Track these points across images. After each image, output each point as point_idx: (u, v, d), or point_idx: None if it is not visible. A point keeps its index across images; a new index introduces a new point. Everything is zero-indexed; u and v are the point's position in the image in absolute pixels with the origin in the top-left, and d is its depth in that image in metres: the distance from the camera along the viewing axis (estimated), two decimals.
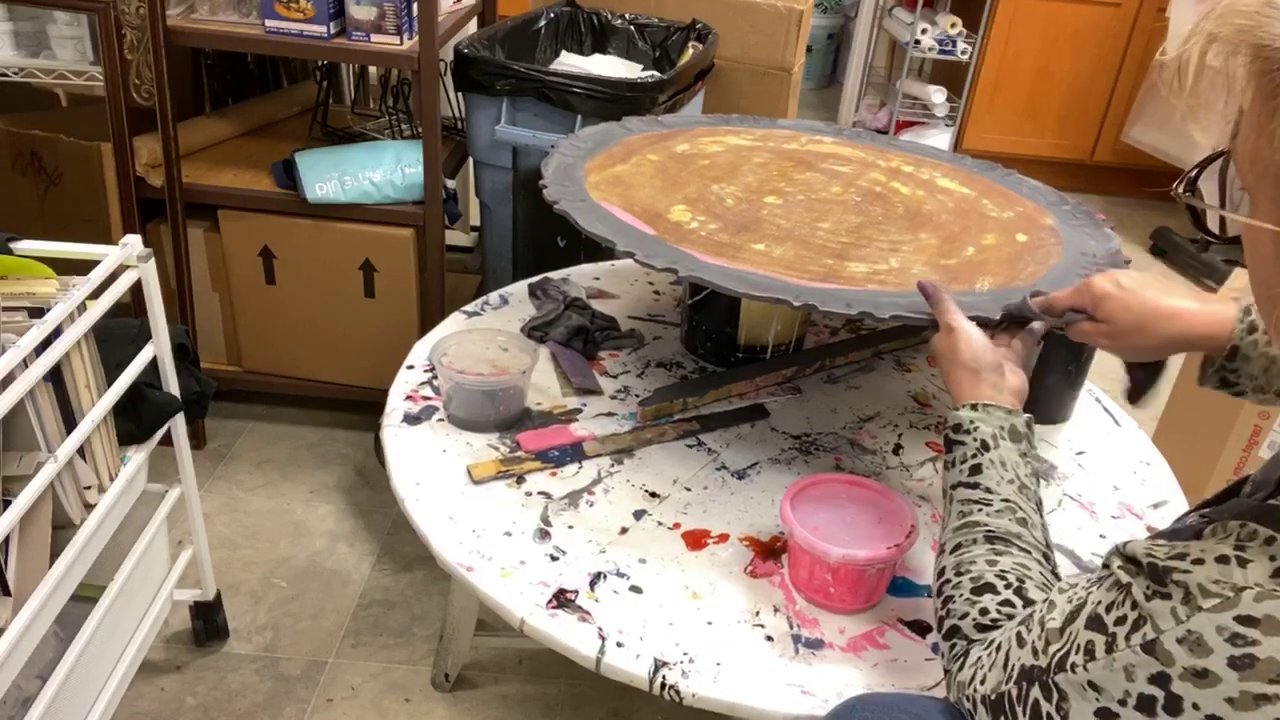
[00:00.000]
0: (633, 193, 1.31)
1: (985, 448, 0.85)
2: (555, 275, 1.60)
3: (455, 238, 2.50)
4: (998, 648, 0.70)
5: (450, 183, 1.84)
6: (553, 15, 2.11)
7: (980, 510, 0.81)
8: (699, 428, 1.25)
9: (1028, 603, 0.74)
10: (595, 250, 1.79)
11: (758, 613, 0.97)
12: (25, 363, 0.94)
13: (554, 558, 1.02)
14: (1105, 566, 0.63)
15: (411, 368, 1.32)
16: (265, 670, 1.48)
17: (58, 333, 1.00)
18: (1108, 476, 1.24)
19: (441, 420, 1.22)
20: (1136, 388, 1.00)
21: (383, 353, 1.82)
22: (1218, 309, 0.91)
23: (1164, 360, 0.99)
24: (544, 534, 1.05)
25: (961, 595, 0.77)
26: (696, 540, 1.06)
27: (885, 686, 0.90)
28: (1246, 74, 0.56)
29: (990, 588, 0.76)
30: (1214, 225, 0.65)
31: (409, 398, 1.26)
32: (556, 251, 1.84)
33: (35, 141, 1.79)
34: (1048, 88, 3.49)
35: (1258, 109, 0.56)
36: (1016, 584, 0.76)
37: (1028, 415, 0.89)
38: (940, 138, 3.58)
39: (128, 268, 1.14)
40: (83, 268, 1.07)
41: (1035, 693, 0.63)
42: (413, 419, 1.22)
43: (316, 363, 1.94)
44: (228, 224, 1.81)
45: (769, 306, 1.30)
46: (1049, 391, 1.30)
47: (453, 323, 1.44)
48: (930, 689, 0.90)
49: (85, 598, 1.14)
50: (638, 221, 1.22)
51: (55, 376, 1.03)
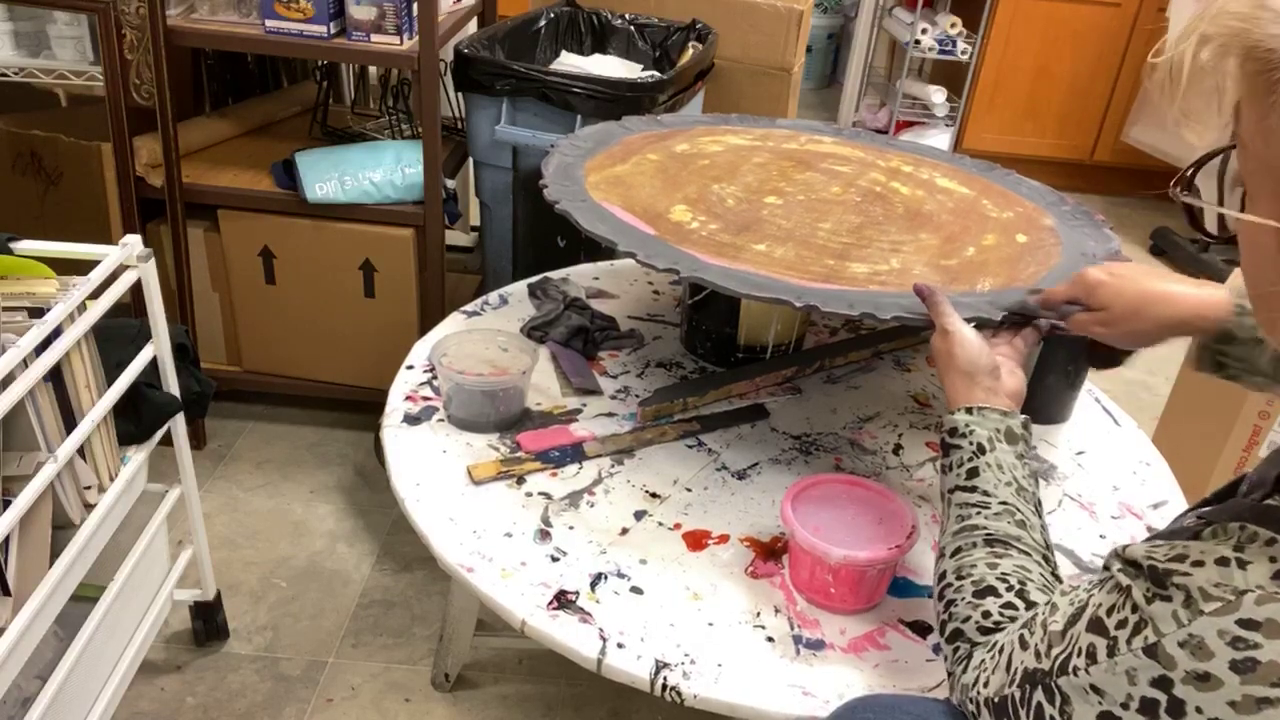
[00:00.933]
0: (633, 193, 1.31)
1: (981, 451, 0.85)
2: (555, 275, 1.60)
3: (455, 238, 2.50)
4: (1000, 650, 0.70)
5: (450, 183, 1.84)
6: (553, 15, 2.11)
7: (979, 514, 0.82)
8: (699, 428, 1.25)
9: (1030, 605, 0.74)
10: (595, 250, 1.79)
11: (758, 613, 0.97)
12: (25, 363, 0.94)
13: (555, 558, 1.02)
14: (1105, 569, 0.63)
15: (411, 368, 1.32)
16: (265, 670, 1.48)
17: (58, 333, 1.00)
18: (1108, 476, 1.24)
19: (441, 421, 1.22)
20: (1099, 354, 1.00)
21: (383, 353, 1.82)
22: (1211, 291, 0.92)
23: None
24: (544, 535, 1.05)
25: (963, 599, 0.77)
26: (697, 541, 1.06)
27: (886, 687, 0.90)
28: (1240, 74, 0.56)
29: (992, 591, 0.76)
30: (1211, 224, 0.65)
31: (409, 398, 1.26)
32: (556, 251, 1.84)
33: (35, 141, 1.79)
34: (1048, 88, 3.49)
35: (1252, 108, 0.56)
36: (1018, 586, 0.76)
37: (1024, 416, 0.89)
38: (940, 138, 3.58)
39: (128, 268, 1.14)
40: (83, 268, 1.07)
41: (1038, 696, 0.63)
42: (413, 419, 1.22)
43: (316, 363, 1.94)
44: (228, 224, 1.81)
45: (769, 306, 1.30)
46: (1049, 391, 1.30)
47: (452, 323, 1.44)
48: (931, 690, 0.90)
49: (85, 598, 1.14)
50: (639, 222, 1.22)
51: (55, 376, 1.03)
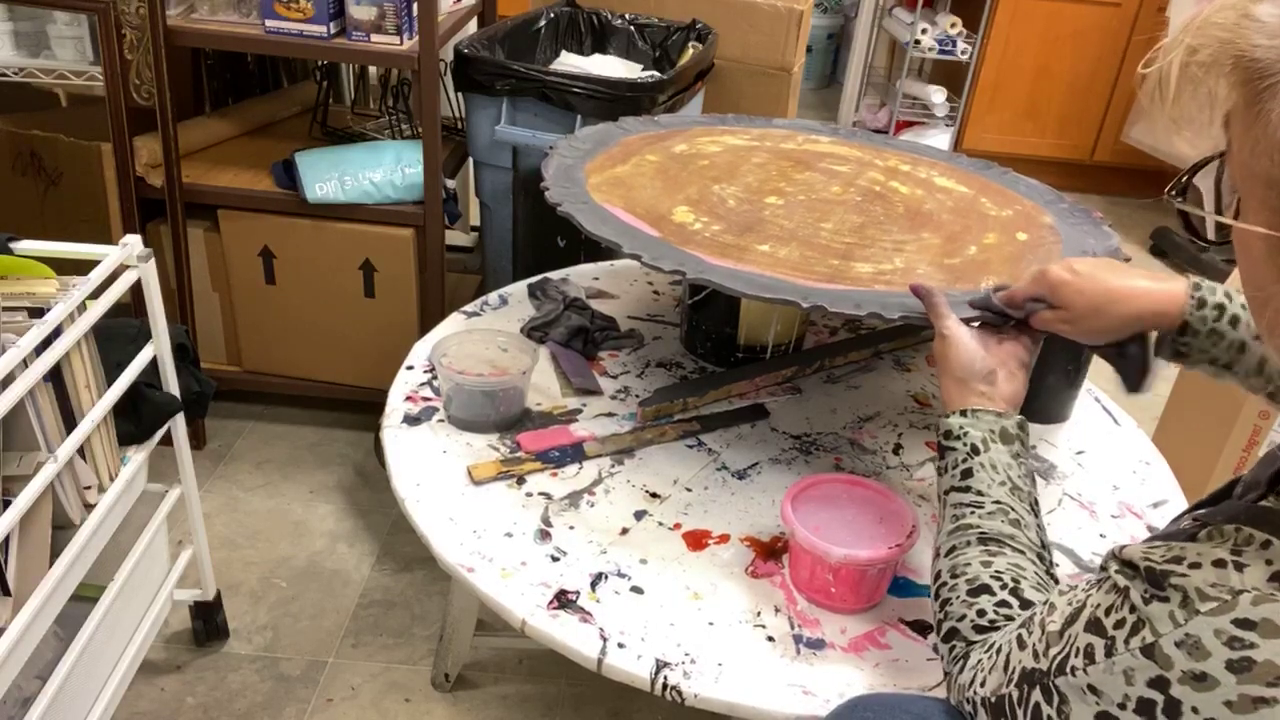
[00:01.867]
0: (634, 194, 1.31)
1: (975, 451, 0.86)
2: (555, 275, 1.60)
3: (455, 238, 2.50)
4: (998, 650, 0.70)
5: (450, 183, 1.84)
6: (553, 15, 2.11)
7: (973, 513, 0.82)
8: (699, 428, 1.25)
9: (1024, 603, 0.75)
10: (595, 250, 1.79)
11: (759, 613, 0.97)
12: (25, 363, 0.94)
13: (555, 558, 1.02)
14: (1103, 569, 0.64)
15: (411, 368, 1.32)
16: (265, 670, 1.48)
17: (58, 333, 1.00)
18: (1108, 476, 1.24)
19: (441, 421, 1.22)
20: (1127, 378, 0.99)
21: (383, 353, 1.82)
22: (1170, 286, 0.92)
23: (1138, 340, 0.98)
24: (545, 535, 1.05)
25: (958, 597, 0.78)
26: (697, 540, 1.06)
27: (887, 686, 0.90)
28: (1228, 84, 0.57)
29: (986, 589, 0.77)
30: (1206, 230, 0.65)
31: (409, 398, 1.26)
32: (556, 252, 1.84)
33: (35, 141, 1.79)
34: (1048, 88, 3.49)
35: (1240, 117, 0.57)
36: (1012, 585, 0.76)
37: (1020, 417, 0.89)
38: (940, 138, 3.58)
39: (128, 268, 1.14)
40: (83, 268, 1.07)
41: (1036, 695, 0.63)
42: (413, 420, 1.22)
43: (316, 363, 1.94)
44: (228, 224, 1.81)
45: (768, 306, 1.30)
46: (1049, 391, 1.30)
47: (452, 323, 1.44)
48: (932, 689, 0.90)
49: (85, 598, 1.14)
50: (641, 223, 1.22)
51: (55, 376, 1.02)
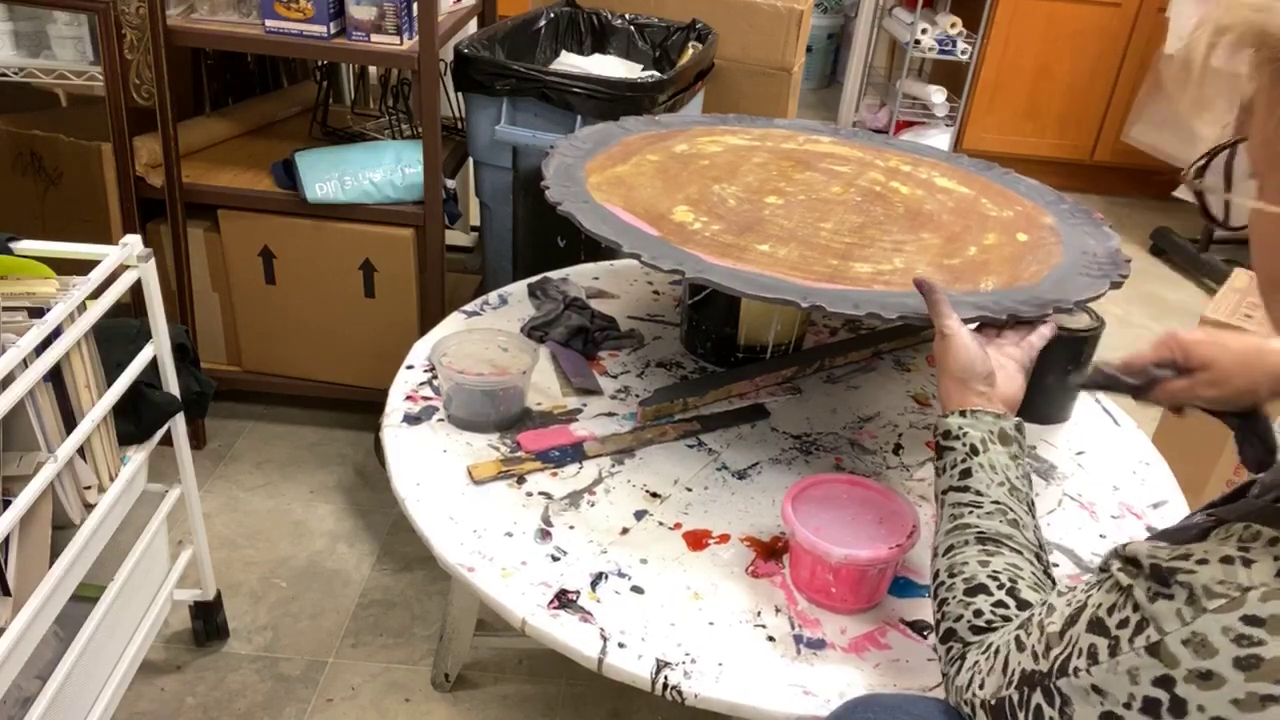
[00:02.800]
0: (634, 193, 1.31)
1: (974, 452, 0.85)
2: (555, 275, 1.60)
3: (455, 238, 2.50)
4: (995, 651, 0.69)
5: (450, 183, 1.84)
6: (553, 15, 2.11)
7: (971, 513, 0.82)
8: (699, 428, 1.25)
9: (1021, 604, 0.74)
10: (595, 250, 1.79)
11: (759, 613, 0.97)
12: (25, 363, 0.94)
13: (555, 558, 1.02)
14: (1104, 569, 0.63)
15: (411, 368, 1.32)
16: (265, 670, 1.48)
17: (58, 333, 1.00)
18: (1108, 476, 1.24)
19: (441, 420, 1.22)
20: (1253, 450, 0.88)
21: (383, 353, 1.82)
22: None
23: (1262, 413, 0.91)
24: (545, 534, 1.05)
25: (955, 597, 0.77)
26: (698, 540, 1.06)
27: (887, 686, 0.90)
28: (1255, 62, 0.56)
29: (983, 589, 0.76)
30: (1218, 211, 0.65)
31: (409, 398, 1.26)
32: (556, 251, 1.84)
33: (35, 141, 1.79)
34: (1048, 88, 3.49)
35: (1266, 97, 0.56)
36: (1009, 584, 0.76)
37: (1017, 419, 0.89)
38: (940, 138, 3.58)
39: (128, 268, 1.14)
40: (83, 268, 1.07)
41: (1037, 698, 0.63)
42: (413, 419, 1.22)
43: (316, 363, 1.94)
44: (228, 224, 1.81)
45: (768, 306, 1.30)
46: (1049, 391, 1.30)
47: (452, 323, 1.44)
48: (932, 689, 0.90)
49: (85, 598, 1.14)
50: (641, 223, 1.22)
51: (55, 376, 1.02)
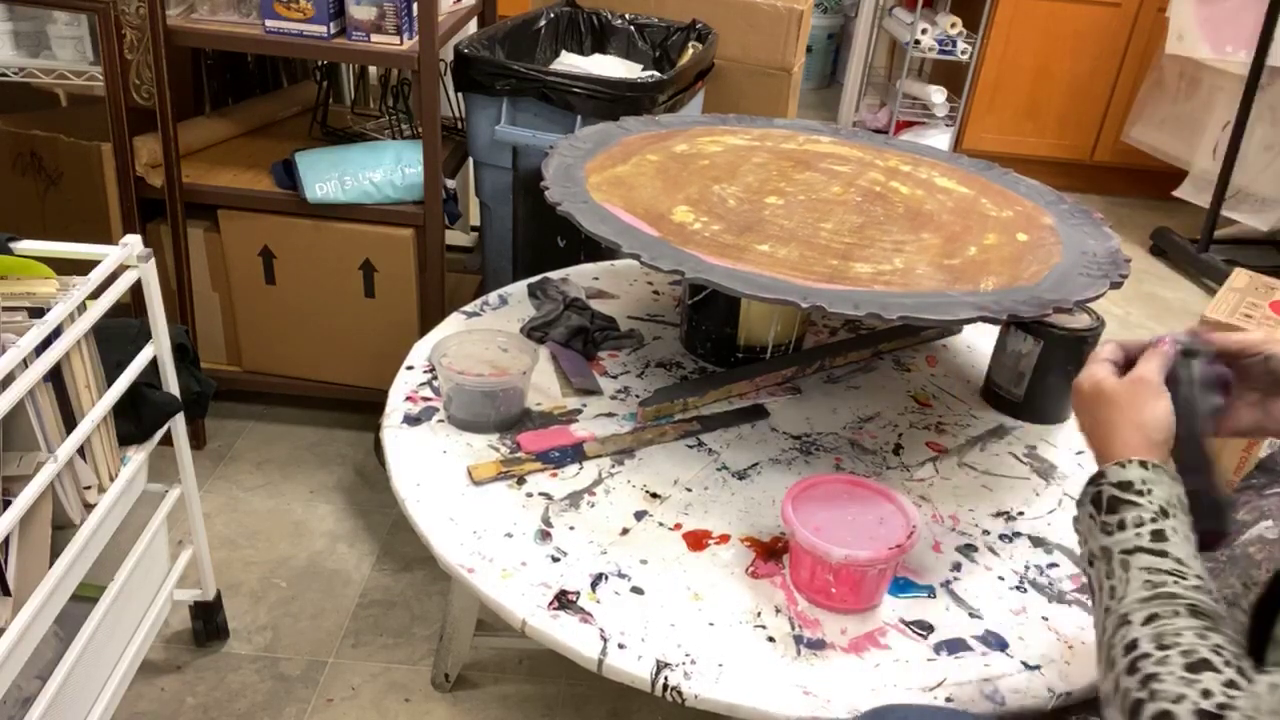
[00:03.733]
0: (634, 194, 1.31)
1: (1164, 514, 0.75)
2: (555, 275, 1.60)
3: (455, 238, 2.50)
4: None
5: (450, 183, 1.84)
6: (553, 15, 2.11)
7: (1176, 582, 0.71)
8: (699, 428, 1.25)
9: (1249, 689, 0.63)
10: (595, 250, 1.79)
11: (759, 613, 0.97)
12: (25, 363, 0.94)
13: (555, 559, 1.02)
14: None
15: (411, 368, 1.32)
16: (265, 670, 1.48)
17: (58, 333, 1.00)
18: None
19: (442, 421, 1.22)
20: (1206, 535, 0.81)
21: (383, 353, 1.82)
22: None
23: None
24: (545, 535, 1.05)
25: (1171, 673, 0.65)
26: (697, 541, 1.06)
27: (887, 687, 0.90)
28: None
29: (1208, 665, 0.64)
30: None
31: (409, 398, 1.26)
32: (556, 251, 1.84)
33: (35, 141, 1.79)
34: (1048, 88, 3.49)
35: None
36: (1237, 664, 0.65)
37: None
38: (940, 138, 3.58)
39: (128, 268, 1.14)
40: (83, 268, 1.07)
41: None
42: (413, 420, 1.22)
43: (316, 363, 1.94)
44: (228, 224, 1.81)
45: (768, 306, 1.30)
46: (1049, 391, 1.30)
47: (452, 323, 1.44)
48: (932, 689, 0.90)
49: (85, 598, 1.14)
50: (641, 223, 1.22)
51: (55, 376, 1.02)
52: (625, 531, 1.07)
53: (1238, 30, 2.89)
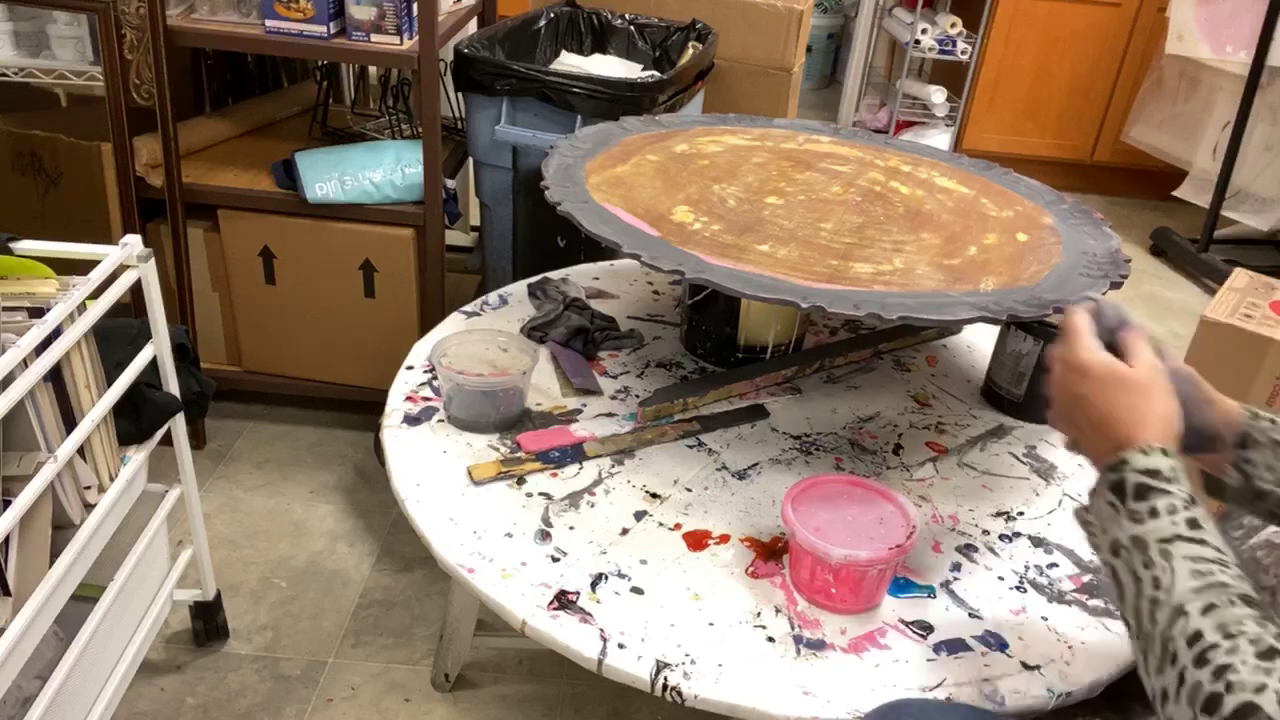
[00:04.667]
0: (634, 194, 1.31)
1: (1193, 501, 0.74)
2: (555, 275, 1.60)
3: (455, 238, 2.50)
4: None
5: (450, 183, 1.84)
6: (553, 15, 2.11)
7: (1221, 571, 0.70)
8: (699, 428, 1.25)
9: None
10: (595, 250, 1.79)
11: (759, 613, 0.97)
12: (25, 363, 0.94)
13: (555, 559, 1.02)
14: None
15: (411, 368, 1.32)
16: (265, 670, 1.48)
17: (58, 333, 1.00)
18: None
19: (441, 421, 1.22)
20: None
21: (383, 353, 1.82)
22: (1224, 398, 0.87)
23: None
24: (545, 535, 1.05)
25: (1244, 662, 0.64)
26: (697, 541, 1.06)
27: (887, 687, 0.90)
28: None
29: (1277, 652, 0.64)
30: None
31: (409, 398, 1.26)
32: (556, 251, 1.84)
33: (35, 141, 1.79)
34: (1048, 88, 3.49)
35: None
36: None
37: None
38: (940, 138, 3.58)
39: (128, 268, 1.14)
40: (83, 268, 1.07)
41: None
42: (413, 420, 1.22)
43: (316, 363, 1.94)
44: (228, 224, 1.81)
45: (769, 307, 1.30)
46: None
47: (452, 323, 1.44)
48: (931, 689, 0.90)
49: (85, 598, 1.14)
50: (641, 223, 1.22)
51: (55, 376, 1.02)
52: (625, 532, 1.07)
53: (1238, 30, 2.89)
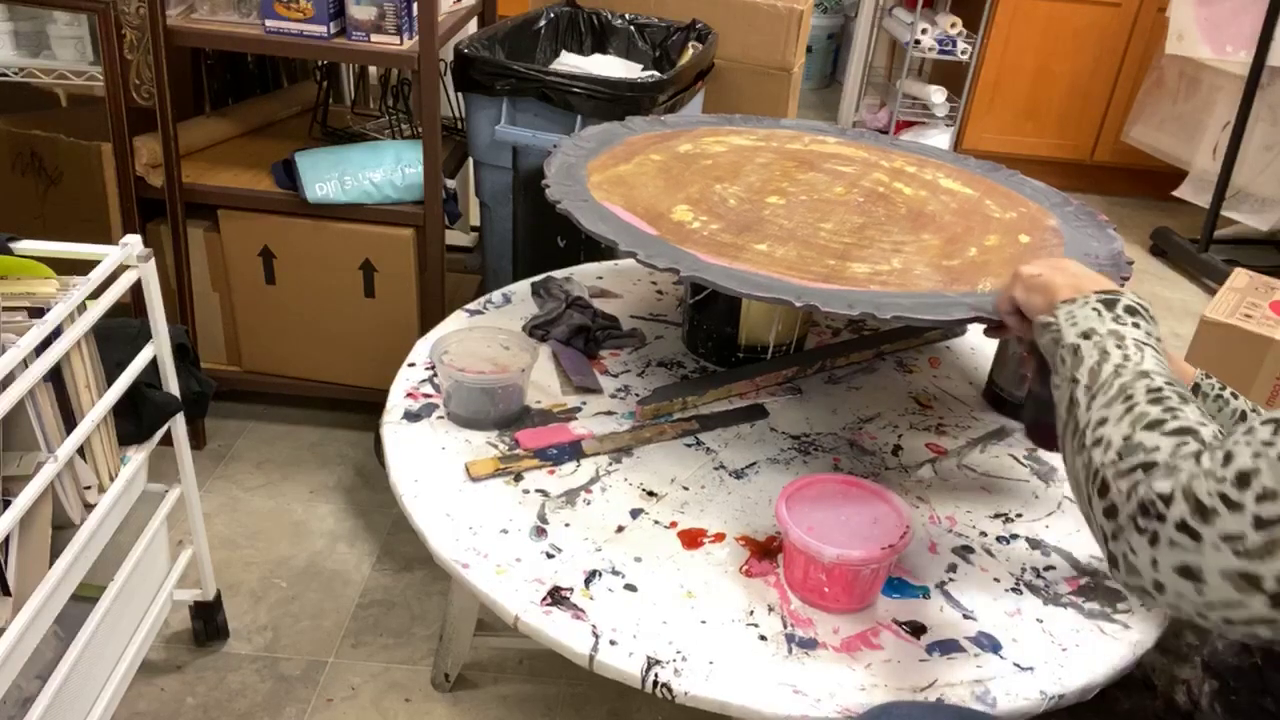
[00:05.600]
0: (635, 192, 1.31)
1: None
2: (558, 274, 1.60)
3: (455, 238, 2.50)
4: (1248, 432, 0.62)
5: (450, 183, 1.85)
6: (553, 15, 2.11)
7: (1182, 389, 0.74)
8: (698, 427, 1.25)
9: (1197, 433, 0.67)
10: (595, 250, 1.79)
11: (752, 612, 0.97)
12: (25, 363, 0.94)
13: (550, 555, 1.02)
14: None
15: (413, 365, 1.33)
16: (265, 670, 1.48)
17: (58, 333, 1.00)
18: None
19: (441, 418, 1.22)
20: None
21: (383, 352, 1.83)
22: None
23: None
24: (540, 531, 1.05)
25: (1189, 414, 0.69)
26: (692, 539, 1.06)
27: (879, 687, 0.90)
28: None
29: (1175, 405, 0.70)
30: None
31: (410, 395, 1.26)
32: (556, 251, 1.85)
33: (35, 141, 1.80)
34: (1048, 88, 3.49)
35: None
36: (1198, 421, 0.68)
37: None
38: (940, 138, 3.58)
39: (128, 268, 1.14)
40: (83, 268, 1.08)
41: None
42: (413, 416, 1.22)
43: (316, 363, 1.95)
44: (228, 224, 1.81)
45: (770, 306, 1.30)
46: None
47: (455, 321, 1.44)
48: (923, 690, 0.90)
49: (85, 598, 1.14)
50: (640, 221, 1.23)
51: (55, 376, 1.03)
52: (620, 529, 1.07)
53: (1238, 30, 2.89)
